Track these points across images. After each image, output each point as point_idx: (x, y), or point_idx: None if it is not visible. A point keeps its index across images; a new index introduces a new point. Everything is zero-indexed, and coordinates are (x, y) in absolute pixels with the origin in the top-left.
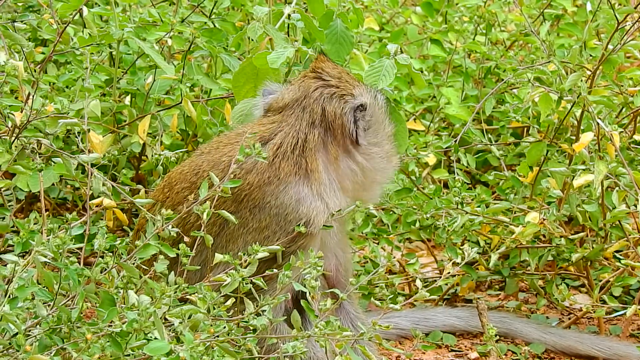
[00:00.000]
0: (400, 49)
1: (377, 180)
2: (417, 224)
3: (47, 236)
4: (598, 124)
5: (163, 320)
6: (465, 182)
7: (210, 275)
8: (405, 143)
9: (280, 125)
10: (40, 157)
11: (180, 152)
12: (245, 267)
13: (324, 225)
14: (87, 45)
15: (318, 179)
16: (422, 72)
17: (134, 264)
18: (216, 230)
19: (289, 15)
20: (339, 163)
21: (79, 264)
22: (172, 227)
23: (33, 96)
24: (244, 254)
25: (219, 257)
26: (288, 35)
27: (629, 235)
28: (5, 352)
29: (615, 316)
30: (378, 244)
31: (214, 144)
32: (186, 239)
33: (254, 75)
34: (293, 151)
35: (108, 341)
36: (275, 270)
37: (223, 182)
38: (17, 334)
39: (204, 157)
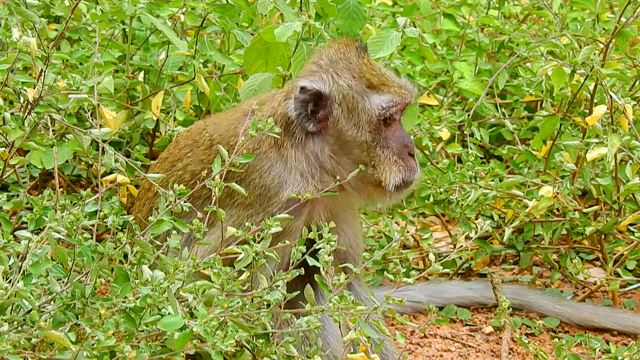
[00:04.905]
0: (414, 23)
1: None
2: (431, 199)
3: (61, 213)
4: (611, 97)
5: (177, 296)
6: (478, 156)
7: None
8: (415, 120)
9: (278, 94)
10: (53, 133)
11: None
12: (259, 242)
13: (325, 191)
14: (99, 21)
15: (289, 156)
16: (435, 46)
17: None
18: (205, 194)
19: None
20: (304, 141)
21: (93, 240)
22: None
23: (45, 72)
24: (252, 224)
25: (231, 230)
26: (301, 10)
27: None
28: (19, 328)
29: (630, 289)
30: (392, 218)
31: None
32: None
33: (265, 51)
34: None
35: (122, 317)
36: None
37: (233, 158)
38: (31, 310)
39: (212, 119)
